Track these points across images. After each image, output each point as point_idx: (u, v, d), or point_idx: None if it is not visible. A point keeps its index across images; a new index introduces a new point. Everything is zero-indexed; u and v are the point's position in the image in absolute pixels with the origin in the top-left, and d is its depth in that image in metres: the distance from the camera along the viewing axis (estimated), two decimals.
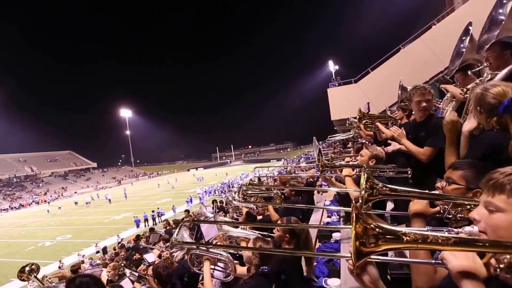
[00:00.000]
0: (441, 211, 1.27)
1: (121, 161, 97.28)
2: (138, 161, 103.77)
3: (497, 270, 0.74)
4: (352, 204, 0.85)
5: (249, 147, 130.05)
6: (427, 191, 1.33)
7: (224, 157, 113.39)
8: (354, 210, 0.80)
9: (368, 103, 11.06)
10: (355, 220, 0.78)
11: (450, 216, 1.23)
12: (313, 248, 3.17)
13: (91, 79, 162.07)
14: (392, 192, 1.37)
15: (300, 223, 3.24)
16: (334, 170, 3.22)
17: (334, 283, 2.69)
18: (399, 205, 2.63)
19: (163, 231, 10.80)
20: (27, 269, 3.11)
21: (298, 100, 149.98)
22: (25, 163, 67.39)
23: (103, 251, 14.85)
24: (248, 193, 4.32)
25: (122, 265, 5.12)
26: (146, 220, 21.16)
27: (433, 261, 0.88)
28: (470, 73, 2.63)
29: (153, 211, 21.74)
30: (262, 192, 4.56)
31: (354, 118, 4.37)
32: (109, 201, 34.51)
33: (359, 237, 0.77)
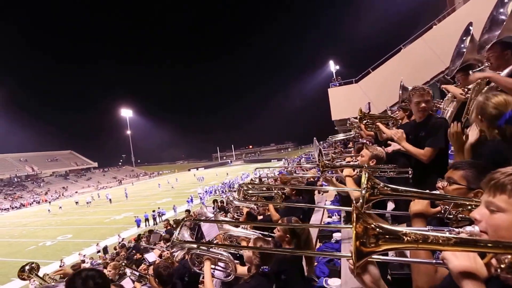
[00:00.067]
0: (442, 211, 1.26)
1: (122, 161, 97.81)
2: (139, 161, 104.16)
3: (498, 270, 0.74)
4: (353, 204, 0.85)
5: (250, 147, 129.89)
6: (428, 191, 1.33)
7: (225, 157, 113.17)
8: (355, 210, 0.80)
9: (369, 103, 11.07)
10: (356, 220, 0.78)
11: (451, 216, 1.23)
12: (314, 248, 3.18)
13: (92, 79, 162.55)
14: (393, 192, 1.37)
15: (301, 223, 3.24)
16: (335, 171, 3.22)
17: (335, 283, 2.69)
18: (400, 205, 2.63)
19: (164, 231, 10.81)
20: (27, 268, 3.12)
21: (299, 100, 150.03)
22: (26, 163, 67.53)
23: (104, 251, 14.88)
24: (249, 193, 4.33)
25: (123, 265, 5.13)
26: (147, 220, 21.21)
27: (434, 261, 0.88)
28: (472, 73, 2.63)
29: (154, 211, 21.76)
30: (263, 192, 4.56)
31: (355, 118, 4.36)
32: (110, 201, 34.56)
33: (360, 237, 0.77)
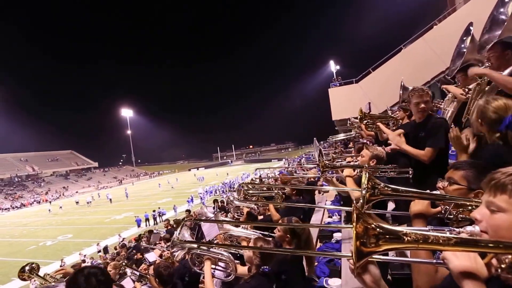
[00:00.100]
0: (442, 212, 1.26)
1: (122, 161, 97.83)
2: (139, 161, 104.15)
3: (499, 270, 0.74)
4: (353, 204, 0.85)
5: (250, 147, 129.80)
6: (429, 192, 1.33)
7: (225, 157, 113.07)
8: (355, 210, 0.80)
9: (369, 103, 11.07)
10: (356, 220, 0.78)
11: (451, 217, 1.22)
12: (314, 249, 3.17)
13: (92, 79, 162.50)
14: (394, 192, 1.37)
15: (301, 223, 3.24)
16: (336, 171, 3.22)
17: (335, 283, 2.68)
18: (400, 205, 2.63)
19: (164, 231, 10.82)
20: (27, 269, 3.13)
21: (299, 100, 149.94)
22: (27, 163, 67.60)
23: (104, 251, 14.89)
24: (249, 193, 4.32)
25: (123, 265, 5.13)
26: (147, 220, 21.22)
27: (434, 261, 0.88)
28: (470, 69, 2.63)
29: (154, 211, 21.77)
30: (263, 192, 4.56)
31: (355, 118, 4.36)
32: (110, 201, 34.60)
33: (360, 237, 0.77)
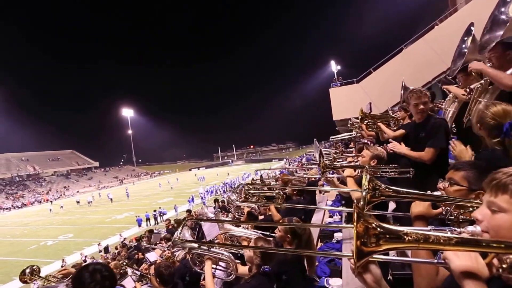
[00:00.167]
0: (443, 213, 1.26)
1: (123, 161, 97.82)
2: (140, 161, 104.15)
3: (500, 270, 0.74)
4: (354, 204, 0.85)
5: (251, 147, 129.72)
6: (429, 193, 1.32)
7: (226, 157, 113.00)
8: (356, 210, 0.80)
9: (370, 103, 11.04)
10: (357, 220, 0.78)
11: (452, 218, 1.22)
12: (315, 249, 3.17)
13: (92, 79, 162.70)
14: (395, 194, 1.35)
15: (302, 223, 3.23)
16: (337, 171, 3.22)
17: (336, 283, 2.68)
18: (401, 206, 2.62)
19: (165, 231, 10.83)
20: (28, 271, 3.14)
21: (300, 100, 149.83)
22: (28, 162, 67.74)
23: (105, 250, 14.91)
24: (250, 193, 4.32)
25: (124, 264, 5.14)
26: (148, 220, 21.24)
27: (436, 261, 0.88)
28: (474, 73, 2.63)
29: (155, 211, 21.80)
30: (264, 192, 4.56)
31: (356, 119, 4.36)
32: (111, 201, 34.65)
33: (361, 237, 0.77)
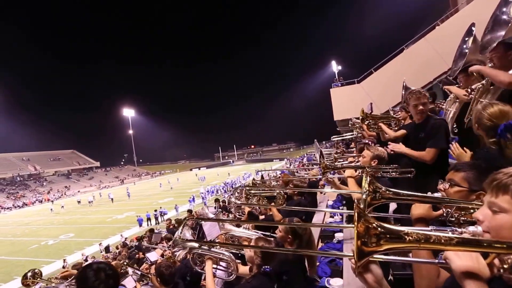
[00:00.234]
0: (444, 214, 1.25)
1: (124, 161, 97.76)
2: (141, 161, 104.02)
3: (501, 271, 0.74)
4: (355, 204, 0.85)
5: (252, 147, 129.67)
6: (430, 195, 1.31)
7: (227, 157, 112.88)
8: (357, 209, 0.79)
9: (371, 104, 11.04)
10: (357, 219, 0.78)
11: (453, 220, 1.21)
12: (316, 249, 3.17)
13: (93, 79, 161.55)
14: (395, 196, 1.34)
15: (303, 223, 3.23)
16: (338, 171, 3.22)
17: (337, 283, 2.68)
18: (402, 207, 2.62)
19: (165, 230, 10.85)
20: (29, 275, 3.16)
21: (301, 100, 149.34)
22: (29, 162, 67.90)
23: (106, 250, 14.93)
24: (251, 193, 4.32)
25: (125, 264, 5.15)
26: (149, 220, 21.24)
27: (437, 261, 0.88)
28: (475, 74, 2.63)
29: (156, 211, 21.82)
30: (265, 192, 4.55)
31: (357, 119, 4.36)
32: (112, 200, 34.67)
33: (361, 236, 0.77)
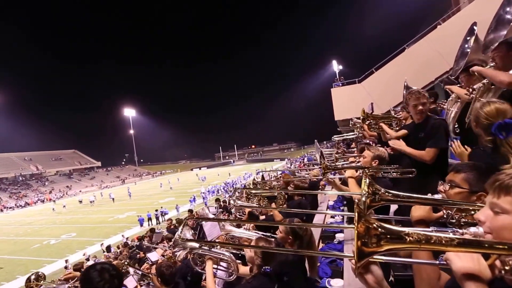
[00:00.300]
0: (444, 216, 1.24)
1: (125, 160, 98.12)
2: (142, 161, 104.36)
3: (502, 272, 0.73)
4: (356, 204, 0.85)
5: (252, 147, 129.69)
6: (430, 196, 1.30)
7: (227, 157, 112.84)
8: (357, 209, 0.79)
9: (372, 104, 11.01)
10: (358, 220, 0.78)
11: (454, 221, 1.20)
12: (317, 250, 3.16)
13: (93, 79, 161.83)
14: (395, 198, 1.33)
15: (303, 223, 3.22)
16: (339, 171, 3.21)
17: (337, 284, 2.67)
18: (402, 208, 2.61)
19: (166, 230, 10.86)
20: (33, 278, 3.17)
21: (302, 100, 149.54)
22: (30, 162, 68.11)
23: (107, 249, 14.95)
24: (252, 193, 4.32)
25: (126, 264, 5.15)
26: (150, 219, 21.28)
27: (437, 262, 0.87)
28: (477, 73, 2.61)
29: (157, 210, 21.87)
30: (265, 192, 4.55)
31: (358, 119, 4.34)
32: (113, 200, 34.75)
33: (361, 237, 0.77)
